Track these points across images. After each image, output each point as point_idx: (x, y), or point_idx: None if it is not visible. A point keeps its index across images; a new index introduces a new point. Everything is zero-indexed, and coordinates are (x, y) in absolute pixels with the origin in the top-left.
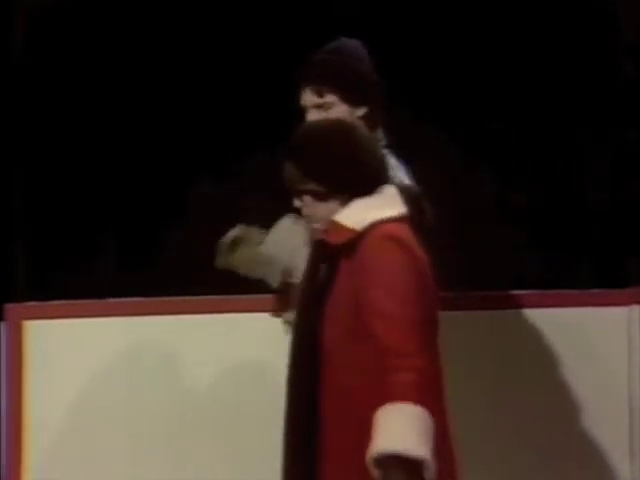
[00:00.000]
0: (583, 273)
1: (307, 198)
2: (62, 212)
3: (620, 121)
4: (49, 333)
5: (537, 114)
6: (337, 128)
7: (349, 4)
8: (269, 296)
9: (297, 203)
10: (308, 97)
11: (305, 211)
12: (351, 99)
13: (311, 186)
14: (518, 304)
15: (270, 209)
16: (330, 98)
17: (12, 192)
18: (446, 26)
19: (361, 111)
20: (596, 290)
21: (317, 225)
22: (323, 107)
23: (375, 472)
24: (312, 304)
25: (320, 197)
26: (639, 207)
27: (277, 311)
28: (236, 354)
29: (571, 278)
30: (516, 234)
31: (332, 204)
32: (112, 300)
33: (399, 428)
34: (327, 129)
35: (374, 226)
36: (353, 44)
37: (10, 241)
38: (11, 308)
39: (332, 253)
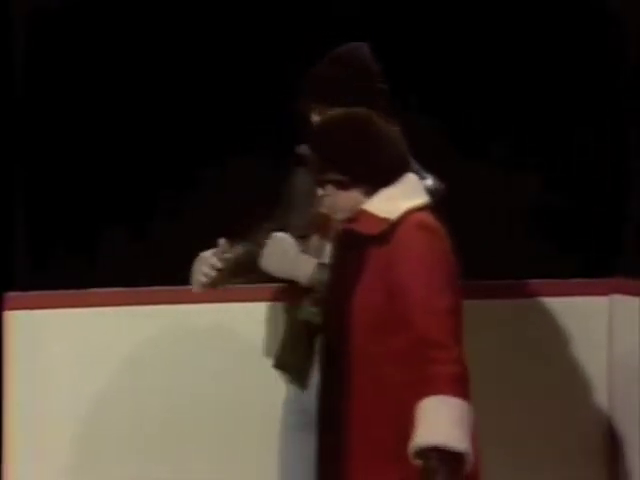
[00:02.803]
0: (565, 263)
1: (330, 187)
2: (55, 204)
3: (609, 117)
4: (32, 323)
5: (527, 108)
6: (358, 119)
7: (346, 5)
8: (264, 286)
9: (320, 192)
10: (315, 117)
11: (327, 200)
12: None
13: (333, 175)
14: (500, 294)
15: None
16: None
17: (11, 184)
18: (449, 21)
19: None
20: (578, 280)
21: (340, 215)
22: None
23: (416, 463)
24: (342, 295)
25: (342, 186)
26: (620, 198)
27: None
28: (231, 344)
29: (553, 268)
30: (499, 225)
31: (354, 193)
32: (98, 290)
33: (442, 421)
34: (348, 120)
35: (407, 215)
36: (357, 50)
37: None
38: None
39: (361, 242)
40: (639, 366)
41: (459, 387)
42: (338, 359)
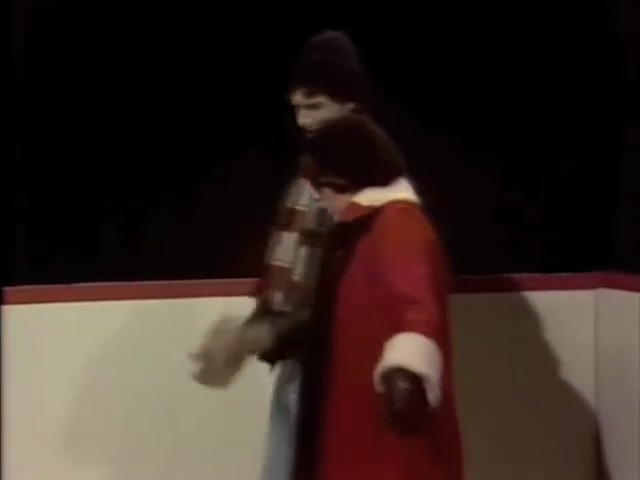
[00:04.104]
0: (552, 257)
1: (326, 190)
2: (54, 199)
3: (603, 116)
4: (31, 317)
5: (519, 105)
6: (355, 125)
7: (340, 4)
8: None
9: (316, 195)
10: (299, 98)
11: (323, 203)
12: (339, 97)
13: (331, 179)
14: (488, 288)
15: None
16: (320, 98)
17: (10, 179)
18: (449, 21)
19: (349, 107)
20: (564, 274)
21: (337, 217)
22: (314, 107)
23: (380, 388)
24: (328, 289)
25: (339, 189)
26: (608, 194)
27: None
28: None
29: (540, 262)
30: (485, 219)
31: (349, 196)
32: (97, 284)
33: (407, 348)
34: (346, 125)
35: (389, 204)
36: (338, 38)
37: None
38: None
39: (348, 234)
40: (625, 359)
41: (429, 330)
42: (323, 346)
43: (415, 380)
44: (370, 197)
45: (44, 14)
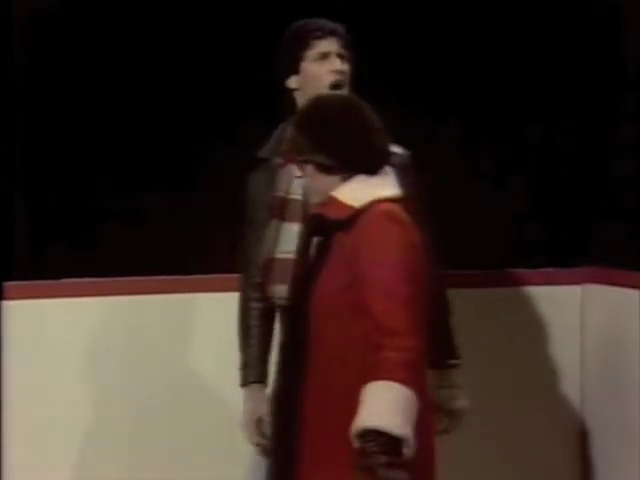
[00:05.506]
0: (538, 252)
1: (310, 169)
2: (54, 194)
3: (588, 115)
4: (32, 313)
5: (508, 107)
6: (350, 104)
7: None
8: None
9: (298, 172)
10: (334, 45)
11: (304, 181)
12: (352, 61)
13: (318, 158)
14: (475, 283)
15: None
16: (346, 53)
17: (10, 174)
18: (445, 17)
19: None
20: (551, 269)
21: (316, 199)
22: (343, 58)
23: (356, 444)
24: (305, 278)
25: (324, 170)
26: (594, 189)
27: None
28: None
29: (527, 257)
30: (471, 215)
31: (334, 178)
32: (97, 280)
33: (384, 405)
34: (340, 104)
35: (373, 204)
36: None
37: None
38: None
39: (328, 227)
40: (611, 354)
41: (407, 374)
42: (299, 344)
43: (392, 440)
44: (354, 194)
45: (44, 14)
